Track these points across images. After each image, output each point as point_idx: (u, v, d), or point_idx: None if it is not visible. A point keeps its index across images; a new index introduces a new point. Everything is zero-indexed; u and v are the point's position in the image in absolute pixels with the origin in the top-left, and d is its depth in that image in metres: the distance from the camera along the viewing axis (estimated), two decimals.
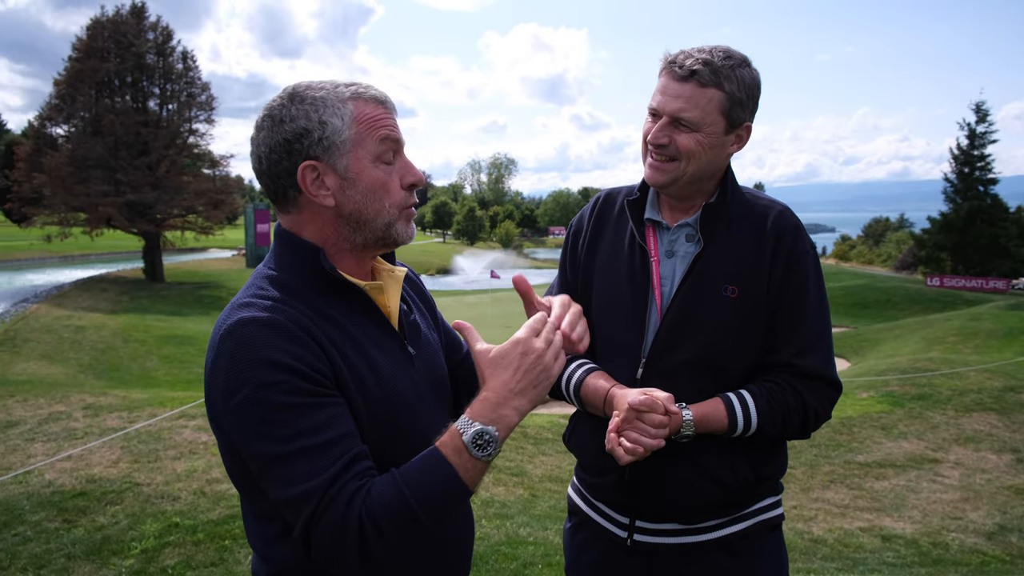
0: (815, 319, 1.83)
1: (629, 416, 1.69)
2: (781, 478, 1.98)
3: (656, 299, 1.86)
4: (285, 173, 1.35)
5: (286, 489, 1.23)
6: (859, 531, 5.81)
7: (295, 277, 1.37)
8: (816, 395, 1.81)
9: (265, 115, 1.36)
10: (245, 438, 1.24)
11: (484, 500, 5.86)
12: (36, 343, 20.09)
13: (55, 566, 4.25)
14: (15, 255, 44.33)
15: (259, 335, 1.25)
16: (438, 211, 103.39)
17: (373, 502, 1.22)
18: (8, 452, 6.93)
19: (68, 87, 35.56)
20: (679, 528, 1.89)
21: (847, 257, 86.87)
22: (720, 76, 1.73)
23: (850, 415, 10.20)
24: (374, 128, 1.36)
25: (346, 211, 1.37)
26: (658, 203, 1.94)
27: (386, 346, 1.43)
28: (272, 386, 1.22)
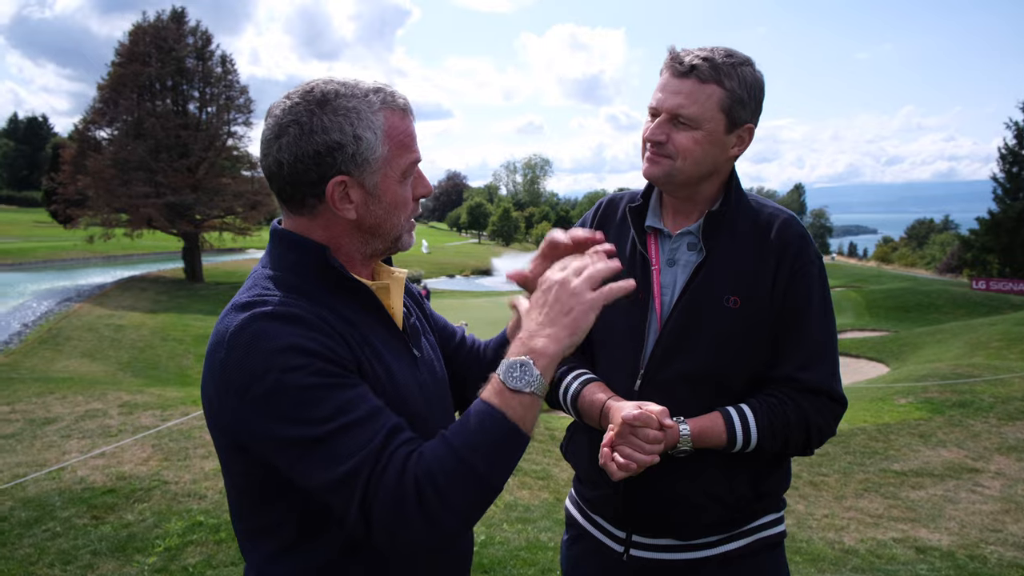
0: (819, 332, 1.76)
1: (623, 431, 1.64)
2: (783, 494, 1.92)
3: (656, 309, 1.81)
4: (310, 183, 1.31)
5: (331, 470, 1.17)
6: (892, 542, 5.65)
7: (299, 277, 1.33)
8: (819, 411, 1.74)
9: (290, 120, 1.28)
10: (276, 430, 1.19)
11: (507, 503, 5.82)
12: (78, 341, 20.56)
13: (81, 562, 4.31)
14: (60, 255, 45.37)
15: (275, 326, 1.21)
16: (473, 212, 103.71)
17: (426, 463, 1.18)
18: (44, 448, 7.07)
19: (111, 91, 36.39)
20: (676, 544, 1.83)
21: (889, 259, 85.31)
22: (721, 72, 1.68)
23: (887, 422, 9.97)
24: (406, 149, 1.35)
25: (366, 224, 1.36)
26: (660, 210, 1.89)
27: (395, 348, 1.41)
28: (297, 369, 1.18)
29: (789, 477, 1.93)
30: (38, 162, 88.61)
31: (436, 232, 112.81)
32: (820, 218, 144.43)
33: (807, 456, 1.88)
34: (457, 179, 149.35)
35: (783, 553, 1.93)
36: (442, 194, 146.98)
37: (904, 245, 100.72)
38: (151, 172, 35.20)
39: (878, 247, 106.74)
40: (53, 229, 52.61)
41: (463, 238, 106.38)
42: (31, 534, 4.74)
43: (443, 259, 66.61)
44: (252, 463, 1.27)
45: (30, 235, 55.82)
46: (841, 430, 10.04)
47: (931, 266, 68.51)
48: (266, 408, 1.19)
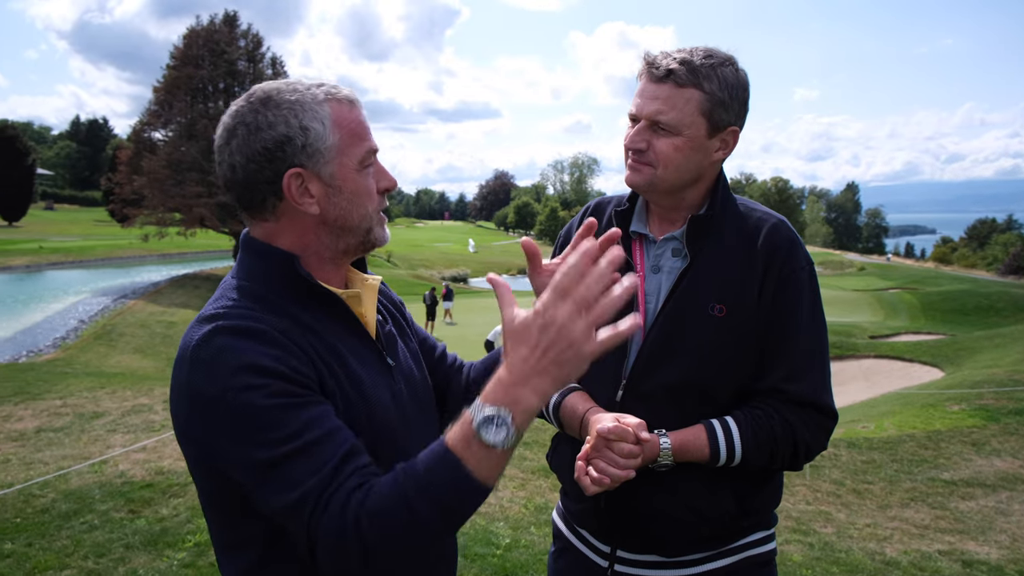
0: (808, 341, 1.68)
1: (598, 444, 1.57)
2: (774, 510, 1.83)
3: (640, 317, 1.74)
4: (265, 182, 1.28)
5: (283, 496, 1.14)
6: (938, 554, 5.44)
7: (266, 287, 1.30)
8: (807, 425, 1.66)
9: (237, 122, 1.28)
10: (231, 450, 1.16)
11: (537, 506, 5.77)
12: (131, 337, 21.14)
13: (114, 555, 4.40)
14: (118, 253, 46.64)
15: (237, 342, 1.18)
16: (520, 211, 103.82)
17: (372, 503, 1.11)
18: (90, 442, 7.26)
19: (166, 94, 37.37)
20: (660, 560, 1.77)
21: (948, 260, 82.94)
22: (699, 75, 1.61)
23: (938, 429, 9.66)
24: (358, 137, 1.32)
25: (331, 218, 1.32)
26: (646, 215, 1.83)
27: (365, 358, 1.37)
28: (254, 389, 1.14)
29: (780, 493, 1.84)
30: (98, 163, 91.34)
31: (483, 231, 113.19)
32: (875, 218, 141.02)
33: (796, 471, 1.79)
34: (505, 179, 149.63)
35: (774, 571, 1.85)
36: (489, 193, 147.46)
37: (964, 245, 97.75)
38: (203, 172, 35.97)
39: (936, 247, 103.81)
40: (111, 228, 54.23)
41: (510, 237, 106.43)
42: (69, 526, 4.86)
43: (489, 258, 66.82)
44: (218, 478, 1.24)
45: (90, 233, 57.57)
46: (889, 437, 9.76)
47: (992, 267, 66.41)
48: (223, 429, 1.16)
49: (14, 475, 6.05)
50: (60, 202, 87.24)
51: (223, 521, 1.31)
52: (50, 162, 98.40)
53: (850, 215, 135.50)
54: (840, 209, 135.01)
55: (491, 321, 21.25)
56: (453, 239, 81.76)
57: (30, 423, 8.12)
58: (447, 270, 54.14)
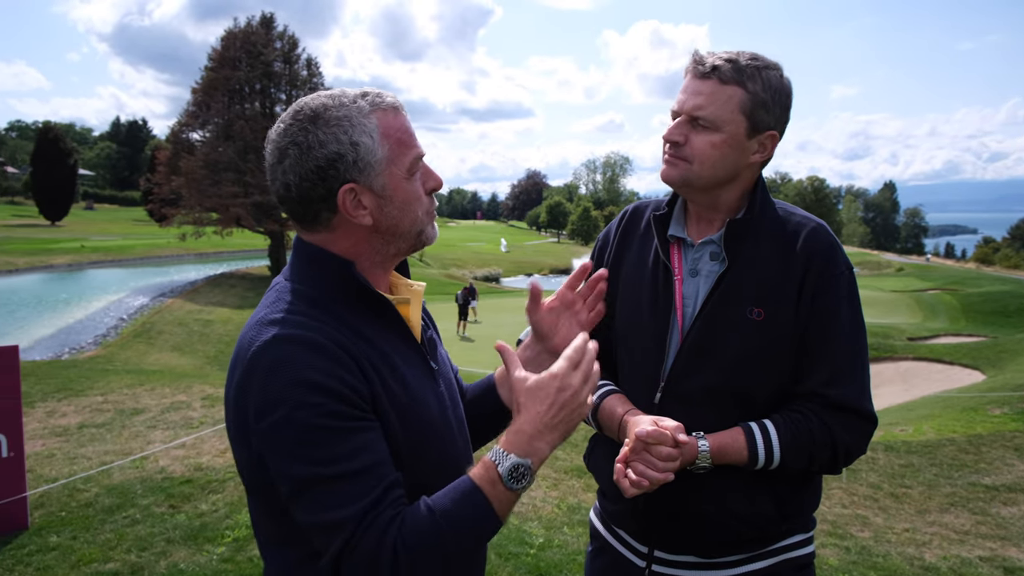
0: (848, 345, 1.67)
1: (637, 447, 1.59)
2: (813, 513, 1.83)
3: (678, 320, 1.75)
4: (319, 199, 1.32)
5: (320, 514, 1.20)
6: (978, 560, 5.34)
7: (322, 291, 1.35)
8: (847, 429, 1.65)
9: (288, 142, 1.31)
10: (278, 459, 1.21)
11: (570, 506, 5.77)
12: (169, 335, 21.51)
13: (155, 549, 4.49)
14: (156, 252, 47.51)
15: (296, 354, 1.22)
16: (552, 211, 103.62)
17: (407, 532, 1.20)
18: (131, 438, 7.40)
19: (204, 95, 37.94)
20: (698, 561, 1.77)
21: (990, 260, 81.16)
22: (743, 74, 1.62)
23: (979, 433, 9.47)
24: (405, 145, 1.36)
25: (383, 227, 1.37)
26: (684, 219, 1.83)
27: (413, 361, 1.41)
28: (310, 407, 1.19)
29: (819, 496, 1.84)
30: (138, 163, 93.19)
31: (515, 231, 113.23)
32: (914, 217, 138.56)
33: (835, 474, 1.79)
34: (537, 178, 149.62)
35: (812, 575, 1.84)
36: (522, 193, 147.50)
37: (1007, 246, 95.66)
38: (240, 172, 36.49)
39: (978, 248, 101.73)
40: (150, 227, 55.25)
41: (542, 237, 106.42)
42: (113, 520, 4.97)
43: (521, 258, 66.88)
44: (265, 475, 1.28)
45: (129, 233, 58.68)
46: (928, 440, 9.60)
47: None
48: (274, 437, 1.21)
49: (59, 470, 6.20)
50: (100, 202, 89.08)
51: (270, 518, 1.35)
52: (91, 163, 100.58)
53: (888, 215, 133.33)
54: (878, 209, 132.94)
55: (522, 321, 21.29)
56: (485, 239, 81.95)
57: (73, 419, 8.30)
58: (479, 269, 54.28)
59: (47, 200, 60.10)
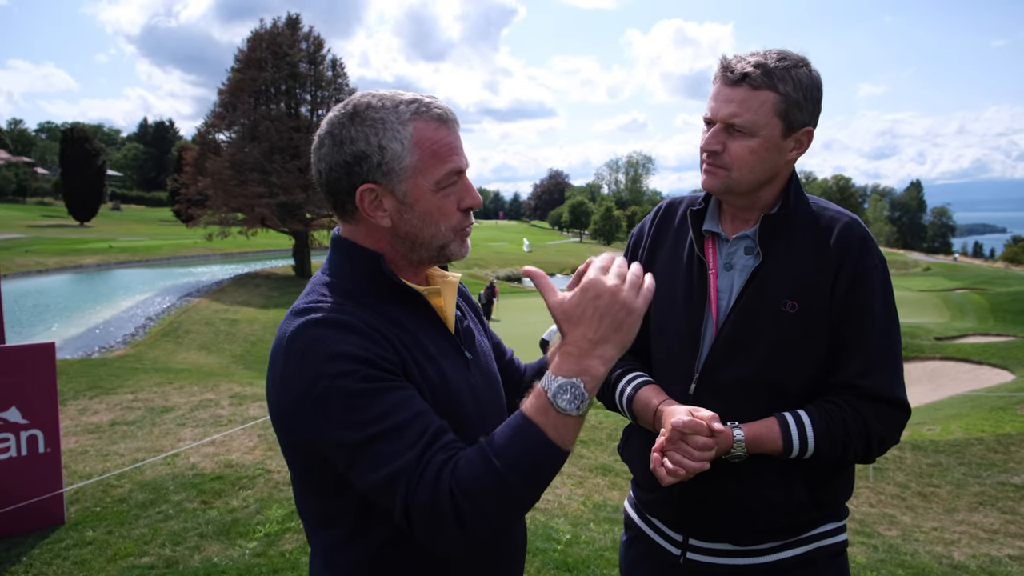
0: (882, 337, 1.70)
1: (673, 436, 1.62)
2: (846, 502, 1.86)
3: (712, 313, 1.79)
4: (344, 191, 1.38)
5: (374, 473, 1.23)
6: (1008, 559, 5.30)
7: (355, 283, 1.40)
8: (881, 419, 1.68)
9: (327, 132, 1.37)
10: (328, 431, 1.25)
11: (596, 503, 5.80)
12: (196, 334, 21.76)
13: (189, 543, 4.57)
14: (183, 252, 48.05)
15: (326, 333, 1.27)
16: (575, 211, 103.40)
17: (461, 474, 1.20)
18: (162, 435, 7.52)
19: (230, 96, 38.26)
20: (732, 549, 1.81)
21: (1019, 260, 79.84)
22: (773, 77, 1.64)
23: (1008, 432, 9.37)
24: (438, 158, 1.36)
25: (401, 232, 1.40)
26: (719, 214, 1.87)
27: (446, 351, 1.45)
28: (346, 375, 1.23)
29: (852, 484, 1.87)
30: (164, 164, 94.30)
31: (538, 231, 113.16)
32: (942, 216, 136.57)
33: (869, 463, 1.82)
34: (559, 178, 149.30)
35: (845, 562, 1.87)
36: (544, 193, 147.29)
37: None
38: (265, 173, 36.76)
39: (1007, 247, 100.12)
40: (176, 227, 55.91)
41: (564, 237, 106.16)
42: (147, 515, 5.07)
43: (544, 258, 66.80)
44: (312, 459, 1.34)
45: (156, 233, 59.41)
46: (956, 440, 9.51)
47: None
48: (319, 412, 1.25)
49: (92, 466, 6.32)
50: (127, 202, 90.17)
51: (316, 498, 1.41)
52: (118, 163, 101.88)
53: (915, 214, 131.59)
54: (904, 208, 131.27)
55: (545, 320, 21.28)
56: (507, 238, 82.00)
57: (104, 416, 8.45)
58: (501, 269, 54.30)
59: (76, 201, 60.93)
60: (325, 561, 1.43)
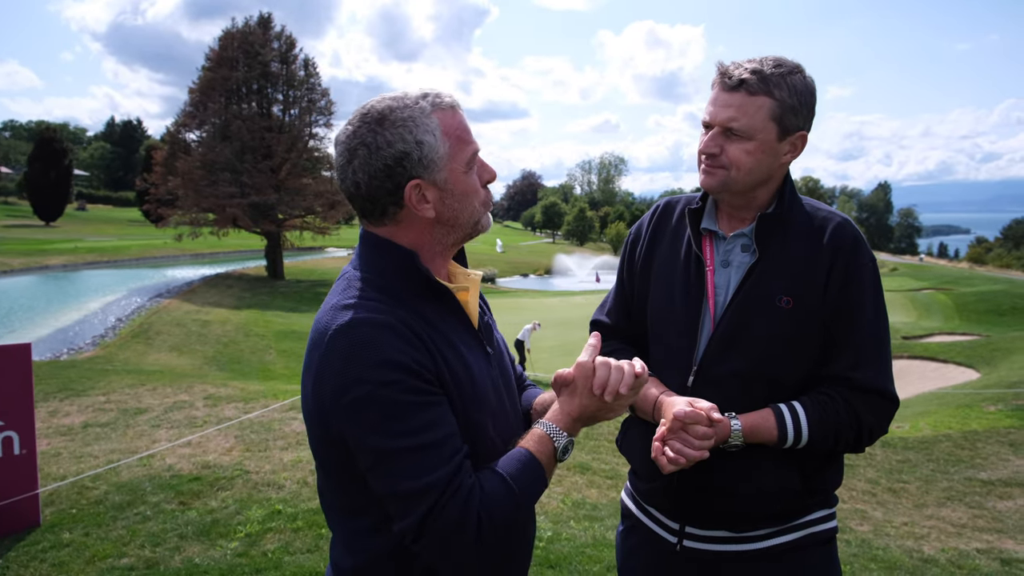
0: (872, 332, 1.79)
1: (674, 426, 1.69)
2: (835, 490, 1.94)
3: (710, 309, 1.86)
4: (387, 193, 1.43)
5: (403, 483, 1.30)
6: (976, 552, 5.44)
7: (390, 280, 1.44)
8: (871, 410, 1.77)
9: (357, 143, 1.41)
10: (361, 434, 1.31)
11: (575, 501, 5.86)
12: (167, 335, 21.49)
13: (168, 545, 4.55)
14: (152, 253, 47.34)
15: (374, 335, 1.32)
16: (548, 212, 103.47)
17: (488, 498, 1.34)
18: (136, 437, 7.45)
19: (201, 95, 37.83)
20: (728, 536, 1.88)
21: (983, 260, 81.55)
22: (770, 83, 1.72)
23: (975, 429, 9.59)
24: (464, 142, 1.46)
25: (444, 218, 1.47)
26: (716, 213, 1.94)
27: (472, 347, 1.52)
28: (391, 384, 1.30)
29: (841, 473, 1.95)
30: (132, 164, 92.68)
31: (510, 231, 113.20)
32: (908, 217, 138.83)
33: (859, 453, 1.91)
34: (532, 178, 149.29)
35: (835, 549, 1.95)
36: (517, 193, 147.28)
37: (1000, 246, 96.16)
38: (237, 173, 36.41)
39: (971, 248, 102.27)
40: (146, 228, 55.06)
41: (537, 237, 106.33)
42: (124, 517, 5.02)
43: (517, 258, 66.88)
44: (341, 451, 1.38)
45: (124, 233, 58.48)
46: (925, 437, 9.71)
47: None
48: (356, 414, 1.31)
49: (66, 468, 6.24)
50: (95, 202, 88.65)
51: (343, 491, 1.46)
52: (85, 163, 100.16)
53: (882, 215, 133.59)
54: (871, 209, 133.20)
55: (518, 321, 21.34)
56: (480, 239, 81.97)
57: (76, 418, 8.34)
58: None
59: (41, 200, 59.83)
60: (348, 547, 1.48)
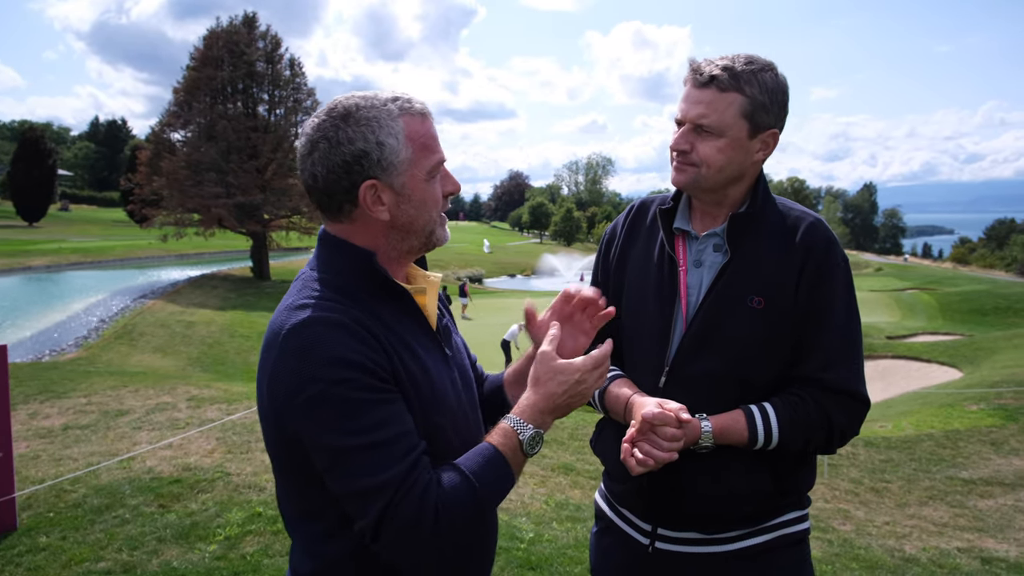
0: (844, 333, 1.78)
1: (643, 427, 1.68)
2: (808, 492, 1.93)
3: (682, 309, 1.85)
4: (342, 191, 1.42)
5: (360, 481, 1.29)
6: (957, 551, 5.47)
7: (347, 280, 1.43)
8: (842, 411, 1.76)
9: (319, 136, 1.41)
10: (317, 433, 1.30)
11: (558, 502, 5.85)
12: (151, 337, 21.34)
13: (147, 548, 4.50)
14: (136, 253, 46.95)
15: (327, 334, 1.31)
16: (535, 212, 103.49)
17: (446, 493, 1.31)
18: (117, 439, 7.38)
19: (186, 95, 37.53)
20: (699, 537, 1.87)
21: (966, 260, 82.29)
22: (740, 80, 1.71)
23: (956, 428, 9.65)
24: (428, 150, 1.44)
25: (399, 223, 1.46)
26: (689, 212, 1.93)
27: (430, 349, 1.50)
28: (344, 382, 1.29)
29: (814, 475, 1.94)
30: (117, 164, 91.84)
31: (498, 232, 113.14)
32: (892, 218, 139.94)
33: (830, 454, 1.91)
34: (519, 179, 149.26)
35: (807, 550, 1.94)
36: (504, 194, 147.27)
37: (983, 246, 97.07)
38: (222, 173, 36.15)
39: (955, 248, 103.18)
40: (130, 228, 54.61)
41: (524, 238, 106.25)
42: (102, 520, 4.97)
43: (504, 259, 66.88)
44: (296, 452, 1.37)
45: (109, 234, 57.98)
46: (907, 436, 9.76)
47: (1011, 268, 65.86)
48: (310, 413, 1.30)
49: (44, 471, 6.18)
50: (79, 203, 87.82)
51: (300, 494, 1.45)
52: (68, 163, 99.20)
53: (867, 215, 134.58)
54: (857, 209, 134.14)
55: (504, 322, 21.35)
56: (468, 239, 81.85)
57: (57, 420, 8.26)
58: (462, 270, 54.20)
59: (25, 201, 59.25)
60: (307, 552, 1.46)
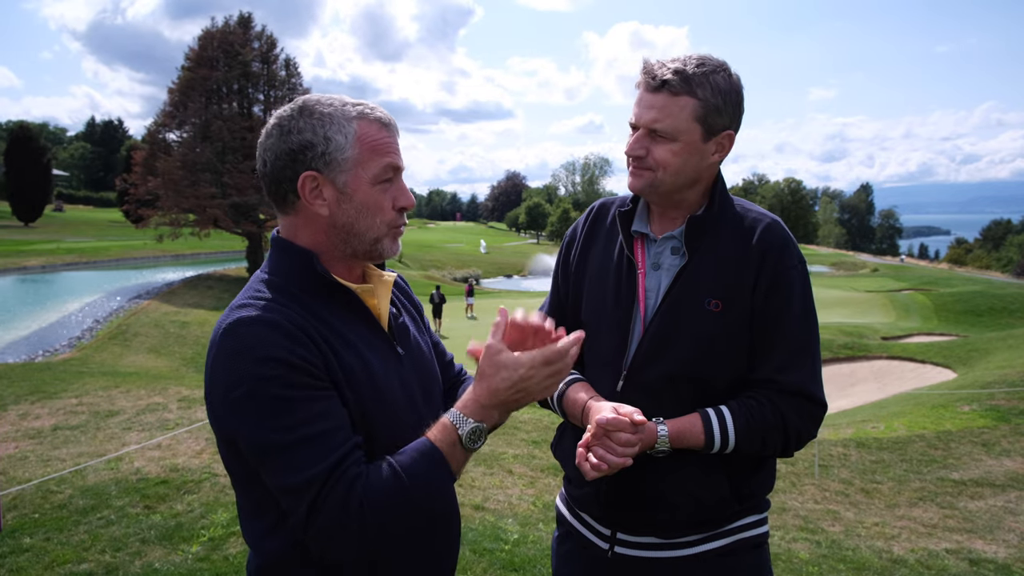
0: (800, 334, 1.77)
1: (598, 432, 1.66)
2: (767, 495, 1.92)
3: (641, 312, 1.83)
4: (287, 179, 1.44)
5: (288, 477, 1.30)
6: (945, 553, 5.46)
7: (289, 280, 1.45)
8: (798, 414, 1.75)
9: (275, 124, 1.45)
10: (246, 430, 1.31)
11: (546, 503, 5.83)
12: (145, 337, 21.30)
13: (130, 549, 4.48)
14: (132, 254, 46.80)
15: (257, 332, 1.33)
16: (532, 212, 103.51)
17: (371, 488, 1.30)
18: (106, 440, 7.37)
19: (181, 95, 37.47)
20: (658, 542, 1.85)
21: (962, 261, 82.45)
22: (692, 83, 1.69)
23: (948, 429, 9.65)
24: (377, 152, 1.45)
25: (339, 222, 1.46)
26: (647, 215, 1.91)
27: (376, 346, 1.50)
28: (271, 380, 1.30)
29: (772, 479, 1.93)
30: (113, 164, 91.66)
31: (495, 232, 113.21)
32: (889, 219, 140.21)
33: (787, 458, 1.89)
34: (516, 179, 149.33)
35: (766, 553, 1.93)
36: (501, 194, 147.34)
37: (979, 247, 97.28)
38: (217, 173, 36.12)
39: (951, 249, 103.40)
40: (125, 229, 54.52)
41: (521, 238, 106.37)
42: (87, 521, 4.95)
43: (500, 259, 66.89)
44: (234, 450, 1.39)
45: (104, 234, 57.84)
46: (899, 437, 9.76)
47: (1007, 269, 66.01)
48: (240, 410, 1.31)
49: (32, 471, 6.16)
50: (74, 203, 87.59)
51: (243, 488, 1.46)
52: (64, 163, 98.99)
53: (863, 216, 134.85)
54: (853, 210, 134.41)
55: None
56: (464, 240, 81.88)
57: (47, 421, 8.24)
58: (458, 271, 54.22)
59: (20, 201, 59.09)
60: (255, 548, 1.48)
